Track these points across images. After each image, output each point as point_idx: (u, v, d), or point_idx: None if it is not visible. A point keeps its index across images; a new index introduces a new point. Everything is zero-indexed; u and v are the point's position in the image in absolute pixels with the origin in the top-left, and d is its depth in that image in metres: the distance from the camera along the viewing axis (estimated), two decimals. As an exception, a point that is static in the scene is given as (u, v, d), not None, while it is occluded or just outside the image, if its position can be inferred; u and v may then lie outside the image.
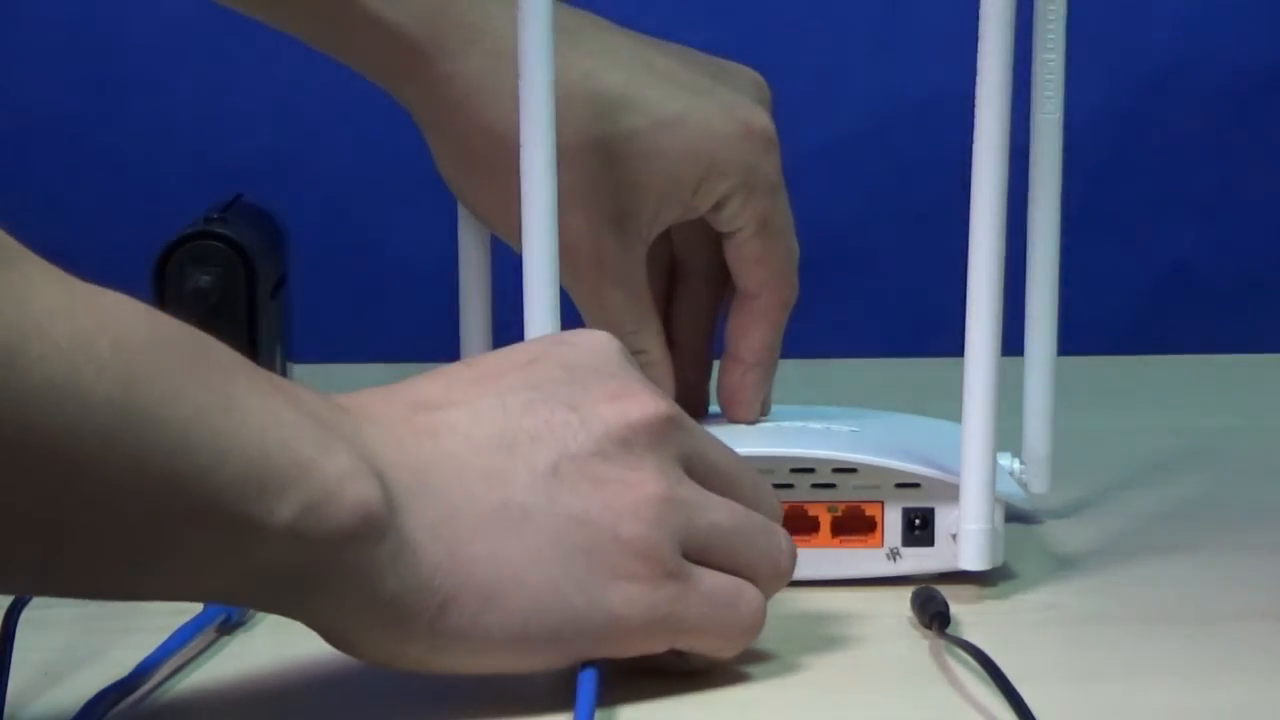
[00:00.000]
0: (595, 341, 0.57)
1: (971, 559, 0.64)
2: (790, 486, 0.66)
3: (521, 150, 0.62)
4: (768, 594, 0.57)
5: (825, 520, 0.66)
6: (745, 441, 0.67)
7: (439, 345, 0.77)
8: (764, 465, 0.66)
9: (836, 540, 0.66)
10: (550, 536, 0.52)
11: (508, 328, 0.67)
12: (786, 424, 0.72)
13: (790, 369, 1.06)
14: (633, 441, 0.54)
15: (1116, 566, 0.69)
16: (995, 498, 0.64)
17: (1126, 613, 0.65)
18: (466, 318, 0.73)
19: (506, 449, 0.53)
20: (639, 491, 0.53)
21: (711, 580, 0.55)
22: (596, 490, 0.53)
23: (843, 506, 0.66)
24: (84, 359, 0.44)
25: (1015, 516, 0.72)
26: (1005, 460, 0.72)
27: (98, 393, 0.44)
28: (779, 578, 0.57)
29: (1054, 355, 0.72)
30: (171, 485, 0.46)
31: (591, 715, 0.52)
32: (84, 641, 0.60)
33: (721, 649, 0.56)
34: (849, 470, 0.66)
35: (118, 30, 1.24)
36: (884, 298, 1.27)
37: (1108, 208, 1.25)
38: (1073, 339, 0.75)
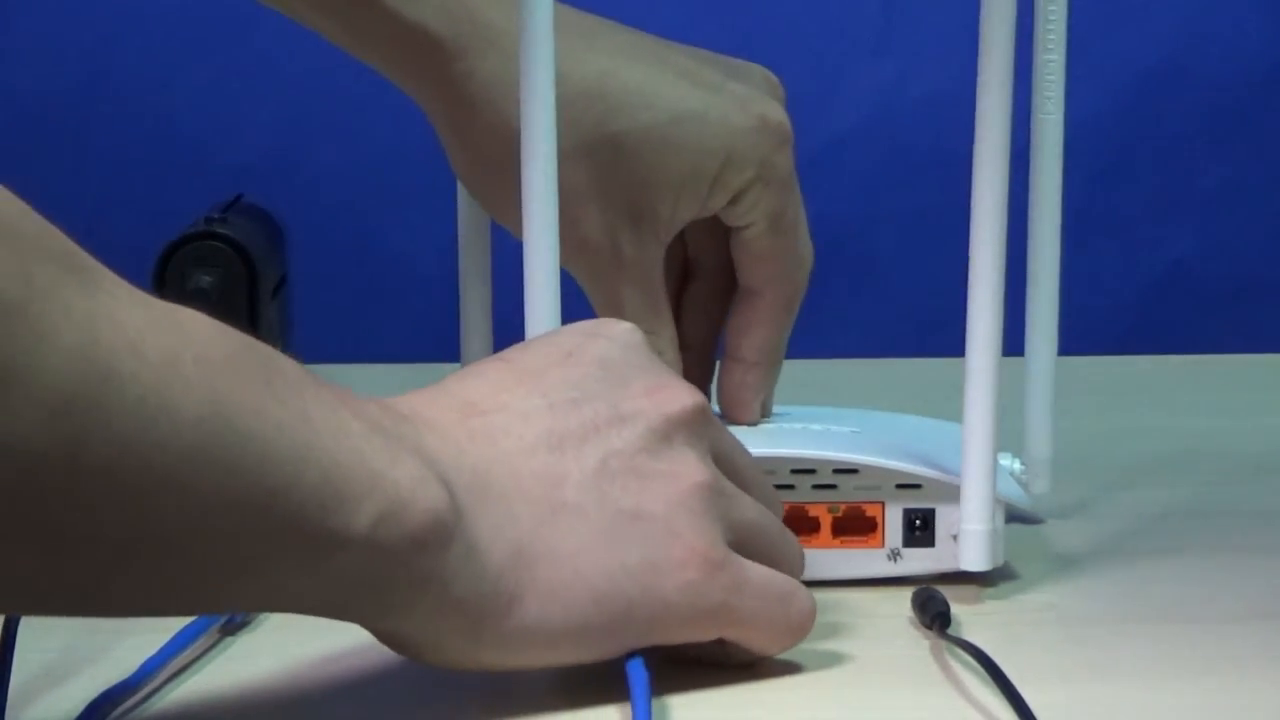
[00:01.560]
0: (624, 334, 0.58)
1: (972, 560, 0.64)
2: (791, 487, 0.66)
3: (522, 150, 0.62)
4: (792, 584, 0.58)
5: (826, 521, 0.66)
6: (746, 442, 0.67)
7: (439, 345, 0.77)
8: (765, 466, 0.66)
9: (837, 541, 0.66)
10: (604, 531, 0.53)
11: (508, 327, 0.67)
12: (787, 424, 0.72)
13: (790, 369, 1.06)
14: (672, 435, 0.55)
15: (1116, 566, 0.69)
16: (996, 498, 0.64)
17: (1126, 613, 0.65)
18: (466, 318, 0.73)
19: (556, 449, 0.54)
20: (685, 483, 0.55)
21: (762, 574, 0.56)
22: (644, 485, 0.54)
23: (843, 507, 0.66)
24: (173, 376, 0.45)
25: (1016, 517, 0.72)
26: (1006, 461, 0.72)
27: (186, 410, 0.45)
28: (795, 576, 0.59)
29: (1054, 355, 0.72)
30: (255, 500, 0.46)
31: (649, 706, 0.53)
32: (85, 641, 0.60)
33: (769, 644, 0.57)
34: (850, 471, 0.66)
35: (118, 30, 1.24)
36: (884, 298, 1.27)
37: (1107, 208, 1.25)
38: (1073, 339, 0.75)
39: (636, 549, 0.54)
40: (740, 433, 0.69)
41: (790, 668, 0.59)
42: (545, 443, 0.54)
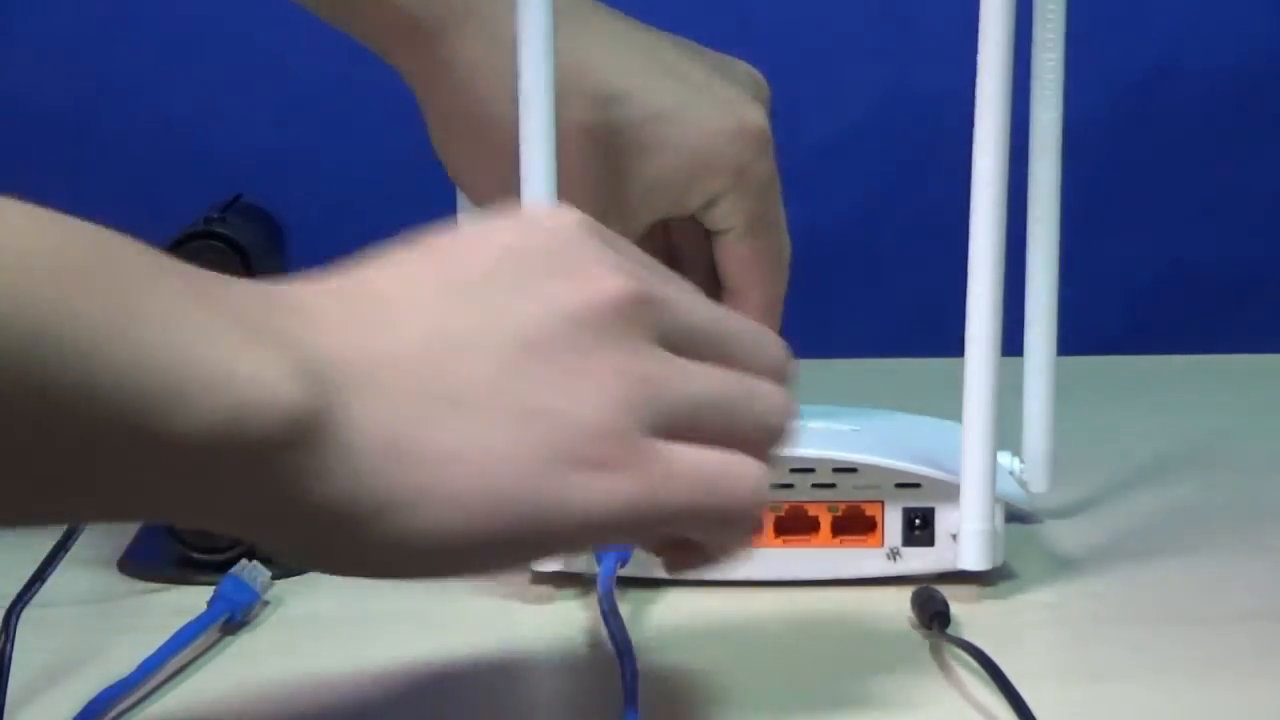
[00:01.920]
0: (560, 221, 0.52)
1: (972, 559, 0.65)
2: (790, 486, 0.66)
3: (522, 150, 0.62)
4: (763, 458, 0.52)
5: (825, 520, 0.66)
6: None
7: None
8: (764, 465, 0.66)
9: (837, 540, 0.66)
10: (509, 431, 0.48)
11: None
12: (786, 424, 0.72)
13: (790, 369, 1.06)
14: (593, 324, 0.50)
15: (1116, 566, 0.69)
16: (995, 498, 0.64)
17: (1126, 613, 0.65)
18: (467, 318, 0.73)
19: (459, 342, 0.49)
20: (601, 376, 0.49)
21: (693, 458, 0.50)
22: (556, 379, 0.49)
23: (843, 506, 0.66)
24: None
25: (1015, 516, 0.72)
26: (1005, 460, 0.72)
27: None
28: (772, 440, 0.53)
29: (1054, 355, 0.72)
30: (76, 406, 0.42)
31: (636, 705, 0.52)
32: (84, 641, 0.61)
33: (721, 534, 0.52)
34: (849, 470, 0.66)
35: (118, 30, 1.24)
36: (884, 298, 1.27)
37: (1107, 208, 1.25)
38: (1073, 339, 0.75)
39: (548, 450, 0.48)
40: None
41: (790, 667, 0.59)
42: (449, 337, 0.49)
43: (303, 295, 0.48)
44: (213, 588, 0.63)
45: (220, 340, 0.44)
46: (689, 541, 0.52)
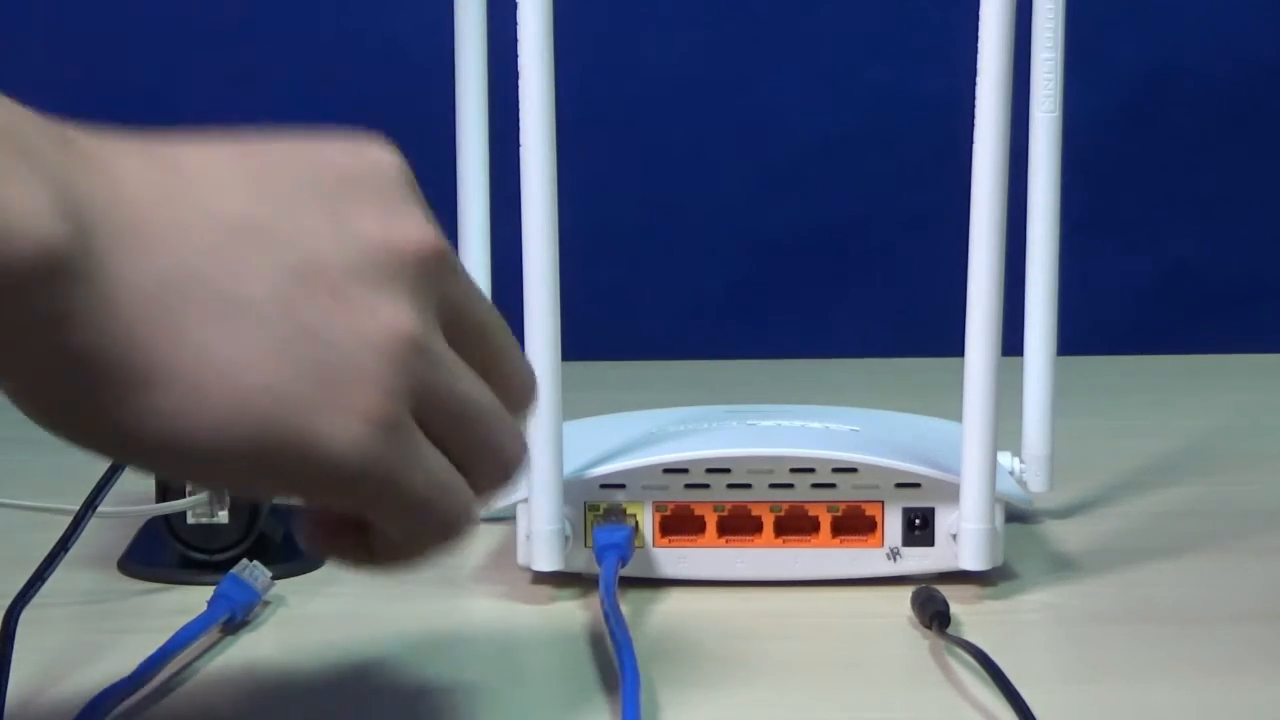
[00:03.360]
0: (382, 156, 0.49)
1: (971, 559, 0.65)
2: (790, 486, 0.66)
3: (522, 150, 0.62)
4: (483, 492, 0.49)
5: (825, 520, 0.66)
6: (745, 441, 0.67)
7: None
8: (764, 465, 0.66)
9: (836, 540, 0.66)
10: (278, 343, 0.45)
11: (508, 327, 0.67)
12: (786, 423, 0.72)
13: (790, 369, 1.06)
14: (392, 270, 0.47)
15: (1116, 566, 0.69)
16: (995, 497, 0.65)
17: (1126, 613, 0.65)
18: (467, 318, 0.73)
19: (250, 238, 0.45)
20: (388, 326, 0.46)
21: (434, 459, 0.48)
22: (340, 309, 0.46)
23: (843, 506, 0.66)
24: None
25: (1015, 516, 0.72)
26: (1005, 460, 0.72)
27: None
28: (501, 478, 0.50)
29: (1054, 355, 0.72)
30: None
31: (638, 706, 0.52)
32: (84, 641, 0.61)
33: (415, 543, 0.49)
34: (849, 470, 0.66)
35: (118, 32, 1.24)
36: (884, 298, 1.27)
37: (1107, 208, 1.25)
38: (1073, 339, 0.75)
39: (309, 375, 0.45)
40: (740, 432, 0.70)
41: (789, 667, 0.59)
42: (241, 226, 0.45)
43: (104, 143, 0.45)
44: (213, 588, 0.63)
45: None
46: (360, 532, 0.49)
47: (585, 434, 0.70)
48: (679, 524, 0.66)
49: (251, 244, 0.45)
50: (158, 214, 0.44)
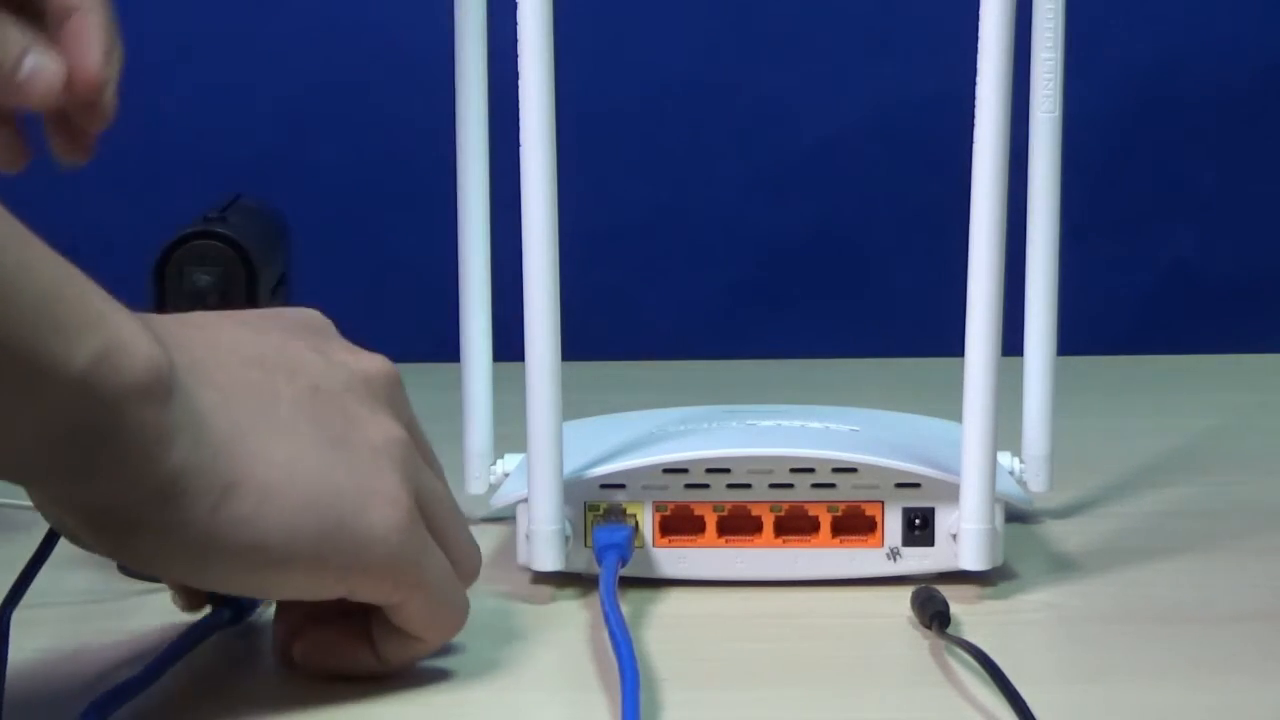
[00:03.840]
0: (314, 315, 0.58)
1: (971, 559, 0.65)
2: (790, 486, 0.66)
3: (522, 150, 0.62)
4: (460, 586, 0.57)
5: (825, 520, 0.66)
6: (745, 441, 0.67)
7: (439, 345, 0.77)
8: (764, 465, 0.66)
9: (836, 540, 0.66)
10: (315, 449, 0.52)
11: (508, 328, 0.67)
12: (786, 423, 0.72)
13: (791, 369, 1.06)
14: (371, 390, 0.55)
15: (1116, 566, 0.69)
16: (995, 498, 0.64)
17: (1126, 613, 0.65)
18: (466, 318, 0.73)
19: (269, 370, 0.53)
20: (385, 433, 0.54)
21: (438, 550, 0.56)
22: (349, 421, 0.54)
23: (843, 506, 0.66)
24: None
25: (1015, 516, 0.72)
26: (1005, 460, 0.72)
27: None
28: (471, 573, 0.58)
29: (1054, 355, 0.72)
30: None
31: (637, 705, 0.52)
32: (84, 641, 0.60)
33: (432, 626, 0.56)
34: (849, 470, 0.66)
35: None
36: (884, 298, 1.27)
37: (1107, 208, 1.25)
38: (1073, 339, 0.75)
39: (349, 473, 0.53)
40: (740, 432, 0.70)
41: (790, 667, 0.59)
42: (258, 361, 0.53)
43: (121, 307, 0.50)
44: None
45: (94, 291, 0.47)
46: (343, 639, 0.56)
47: (585, 434, 0.70)
48: (679, 524, 0.66)
49: (273, 372, 0.53)
50: (201, 350, 0.51)
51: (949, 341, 0.65)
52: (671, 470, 0.66)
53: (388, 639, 0.56)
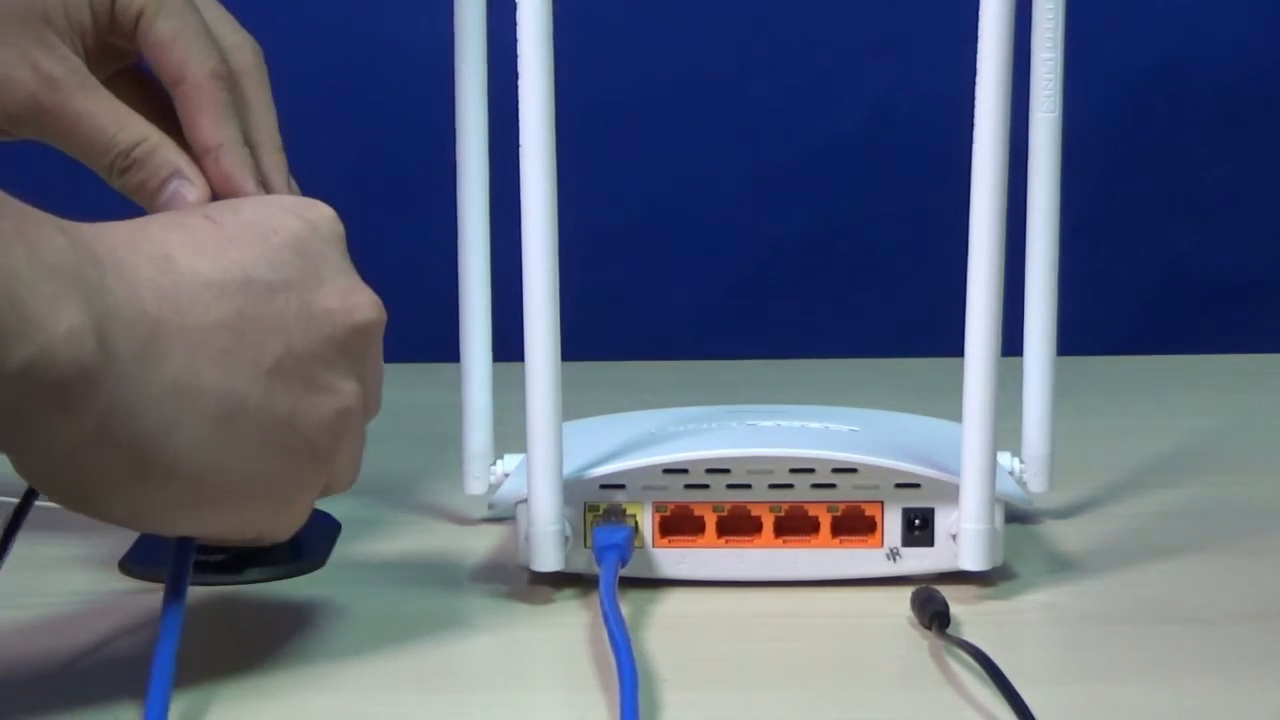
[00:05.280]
0: (325, 221, 0.59)
1: (971, 559, 0.65)
2: (790, 487, 0.66)
3: (522, 150, 0.62)
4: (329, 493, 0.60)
5: (825, 520, 0.66)
6: (745, 442, 0.67)
7: (439, 345, 0.77)
8: (764, 465, 0.66)
9: (836, 540, 0.66)
10: (257, 433, 0.55)
11: (508, 328, 0.67)
12: (786, 424, 0.72)
13: (791, 369, 1.07)
14: (349, 347, 0.57)
15: (1116, 566, 0.69)
16: (995, 498, 0.64)
17: (1126, 613, 0.65)
18: (466, 318, 0.73)
19: (241, 333, 0.54)
20: (339, 404, 0.57)
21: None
22: (307, 395, 0.56)
23: (843, 506, 0.66)
24: None
25: (1015, 516, 0.72)
26: (1005, 460, 0.72)
27: None
28: (329, 494, 0.60)
29: (1054, 355, 0.72)
30: None
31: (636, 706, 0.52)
32: (83, 641, 0.60)
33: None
34: (849, 470, 0.66)
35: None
36: (884, 298, 1.27)
37: (1107, 208, 1.25)
38: (1073, 339, 0.75)
39: (279, 459, 0.56)
40: (740, 432, 0.70)
41: (790, 667, 0.59)
42: (231, 324, 0.54)
43: (115, 243, 0.53)
44: (213, 588, 0.63)
45: (39, 290, 0.48)
46: None
47: (585, 434, 0.70)
48: (679, 524, 0.66)
49: (240, 342, 0.54)
50: (168, 323, 0.52)
51: (949, 341, 0.65)
52: (671, 470, 0.66)
53: None
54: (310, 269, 0.57)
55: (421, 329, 0.82)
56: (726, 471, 0.66)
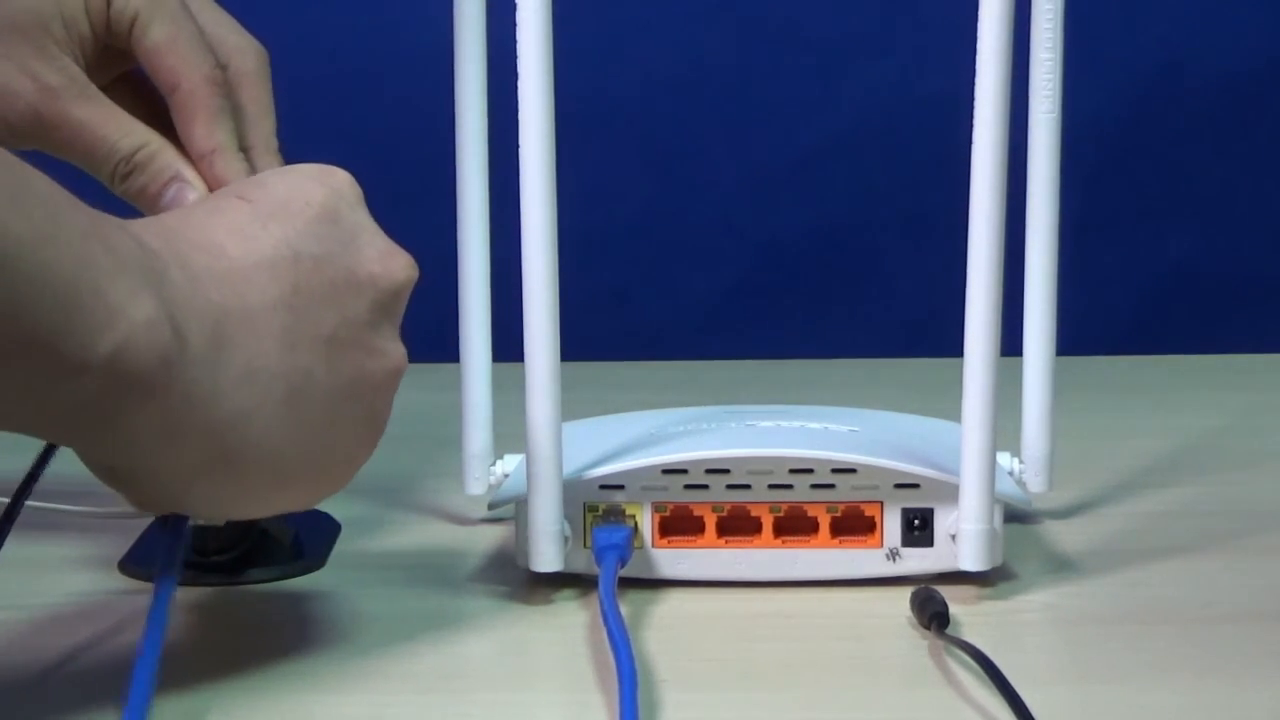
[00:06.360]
0: (347, 185, 0.60)
1: (971, 559, 0.65)
2: (789, 487, 0.66)
3: (522, 150, 0.62)
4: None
5: (825, 521, 0.66)
6: (744, 442, 0.67)
7: (439, 345, 0.77)
8: (763, 465, 0.66)
9: (836, 540, 0.66)
10: (324, 406, 0.56)
11: (508, 328, 0.67)
12: (786, 424, 0.72)
13: (791, 369, 1.06)
14: (390, 308, 0.58)
15: (1116, 566, 0.69)
16: (995, 498, 0.64)
17: (1126, 613, 0.65)
18: (466, 318, 0.73)
19: (297, 309, 0.55)
20: (391, 365, 0.58)
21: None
22: (364, 360, 0.57)
23: (842, 507, 0.66)
24: None
25: (1015, 516, 0.72)
26: (1005, 460, 0.72)
27: None
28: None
29: (1054, 355, 0.72)
30: None
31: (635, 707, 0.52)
32: (83, 641, 0.60)
33: None
34: (848, 470, 0.66)
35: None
36: (884, 298, 1.27)
37: (1107, 208, 1.25)
38: (1072, 339, 0.75)
39: (347, 427, 0.57)
40: (739, 432, 0.70)
41: (790, 667, 0.59)
42: (288, 302, 0.55)
43: (171, 236, 0.53)
44: (214, 588, 0.63)
45: (118, 282, 0.49)
46: None
47: (585, 434, 0.70)
48: (678, 525, 0.66)
49: (299, 318, 0.55)
50: (231, 309, 0.53)
51: (949, 341, 0.65)
52: (671, 471, 0.66)
53: None
54: (348, 236, 0.58)
55: (421, 329, 0.82)
56: (726, 472, 0.66)
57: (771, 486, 0.66)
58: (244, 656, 0.60)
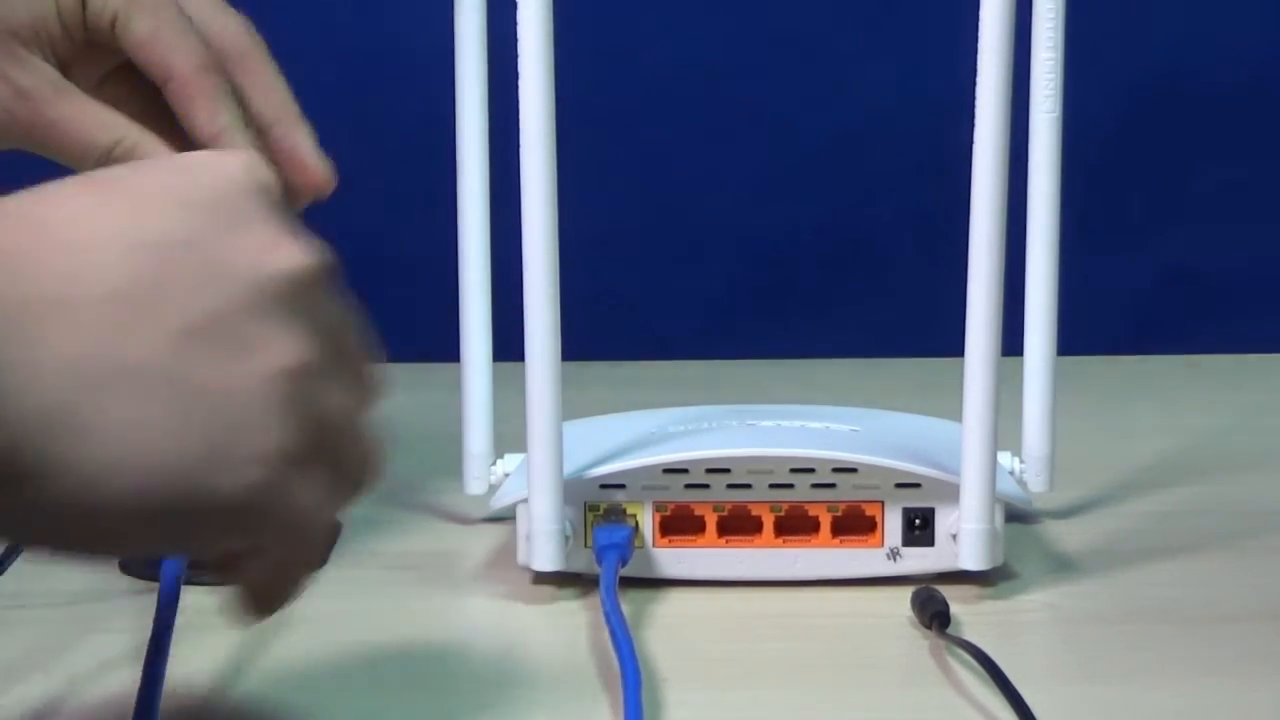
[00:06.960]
0: (240, 169, 0.51)
1: (971, 559, 0.65)
2: (790, 486, 0.66)
3: (522, 150, 0.62)
4: (343, 504, 0.51)
5: (825, 520, 0.66)
6: (745, 441, 0.67)
7: (439, 345, 0.77)
8: (764, 465, 0.66)
9: (836, 540, 0.66)
10: (172, 406, 0.46)
11: (508, 328, 0.67)
12: (786, 423, 0.72)
13: (791, 369, 1.06)
14: (281, 298, 0.48)
15: (1116, 566, 0.69)
16: (995, 498, 0.65)
17: (1126, 613, 0.65)
18: (466, 318, 0.73)
19: (137, 301, 0.47)
20: (279, 362, 0.48)
21: (315, 489, 0.49)
22: (233, 355, 0.47)
23: (843, 506, 0.66)
24: None
25: (1015, 516, 0.72)
26: (1005, 460, 0.72)
27: None
28: (362, 488, 0.52)
29: (1054, 355, 0.72)
30: None
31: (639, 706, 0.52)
32: (83, 640, 0.60)
33: (297, 565, 0.52)
34: (849, 470, 0.66)
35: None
36: (884, 298, 1.27)
37: (1108, 208, 1.25)
38: (1073, 339, 0.75)
39: (201, 434, 0.46)
40: (739, 432, 0.70)
41: (790, 667, 0.59)
42: (125, 293, 0.46)
43: None
44: (214, 588, 0.62)
45: None
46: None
47: (585, 434, 0.70)
48: (679, 524, 0.66)
49: (142, 311, 0.46)
50: (47, 297, 0.45)
51: (949, 341, 0.65)
52: (671, 470, 0.66)
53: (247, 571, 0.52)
54: (226, 224, 0.49)
55: (421, 329, 0.83)
56: (727, 471, 0.66)
57: (772, 486, 0.66)
58: (243, 656, 0.60)
